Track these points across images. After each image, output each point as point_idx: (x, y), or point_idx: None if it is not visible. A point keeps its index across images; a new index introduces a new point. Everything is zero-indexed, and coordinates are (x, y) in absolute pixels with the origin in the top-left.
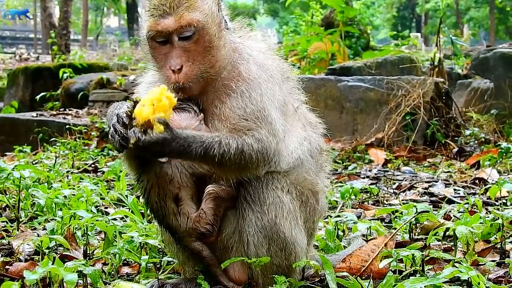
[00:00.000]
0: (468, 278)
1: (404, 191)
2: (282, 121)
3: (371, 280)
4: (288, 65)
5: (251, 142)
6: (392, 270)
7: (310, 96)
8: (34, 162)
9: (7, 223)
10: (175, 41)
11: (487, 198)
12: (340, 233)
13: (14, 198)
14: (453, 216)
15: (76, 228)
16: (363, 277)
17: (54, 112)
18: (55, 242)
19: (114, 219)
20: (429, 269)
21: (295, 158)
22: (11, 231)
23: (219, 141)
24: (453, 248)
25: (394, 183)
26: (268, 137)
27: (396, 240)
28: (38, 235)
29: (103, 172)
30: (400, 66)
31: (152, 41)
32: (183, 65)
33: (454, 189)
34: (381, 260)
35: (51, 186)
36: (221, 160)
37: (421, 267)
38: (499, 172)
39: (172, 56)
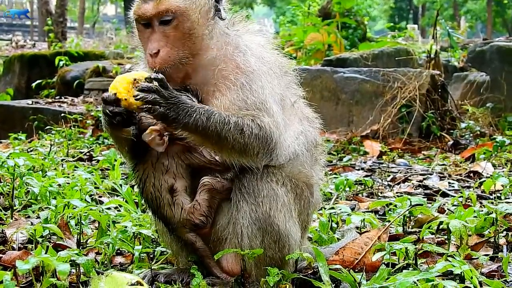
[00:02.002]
0: (461, 272)
1: (398, 184)
2: (282, 116)
3: (364, 273)
4: (286, 60)
5: (251, 125)
6: (385, 263)
7: (306, 87)
8: (29, 150)
9: (1, 211)
10: (155, 26)
11: (482, 192)
12: (334, 225)
13: (8, 186)
14: (447, 209)
15: (69, 217)
16: (356, 270)
17: (50, 100)
18: (49, 231)
19: (108, 208)
20: (422, 263)
21: (291, 152)
22: (4, 219)
23: (219, 112)
24: (446, 241)
25: (389, 175)
26: (270, 127)
27: (390, 233)
28: (32, 224)
29: (98, 161)
30: (396, 58)
31: (137, 24)
32: (160, 49)
33: (449, 182)
34: (374, 253)
35: (46, 174)
36: (221, 132)
37: (414, 261)
38: (493, 165)
39: (151, 40)
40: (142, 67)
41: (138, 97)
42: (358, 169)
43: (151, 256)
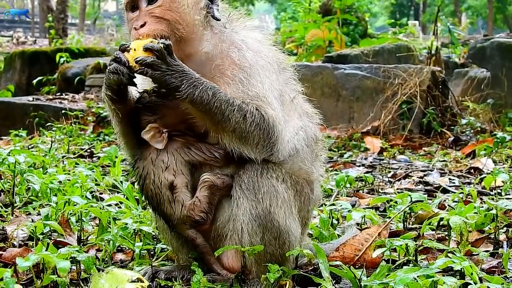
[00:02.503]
0: (461, 269)
1: (399, 180)
2: (282, 111)
3: (364, 269)
4: (284, 55)
5: (255, 113)
6: (386, 259)
7: (307, 83)
8: (29, 147)
9: (1, 208)
10: (142, 7)
11: (482, 188)
12: (335, 221)
13: (9, 183)
14: (448, 205)
15: (70, 214)
16: (357, 266)
17: (51, 97)
18: (49, 228)
19: (109, 205)
20: (422, 259)
21: (291, 147)
22: (5, 216)
23: (224, 92)
24: (447, 238)
25: (390, 172)
26: (274, 120)
27: (390, 229)
28: (33, 221)
29: (99, 158)
30: (397, 55)
31: (127, 12)
32: (146, 22)
33: (449, 179)
34: (374, 250)
35: (46, 171)
36: (225, 111)
37: (414, 257)
38: (494, 161)
39: (137, 18)
40: None
41: (138, 59)
42: (359, 166)
43: (152, 253)
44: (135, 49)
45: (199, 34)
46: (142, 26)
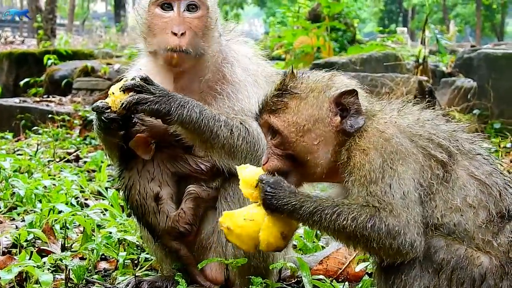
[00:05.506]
0: None
1: None
2: None
3: (347, 283)
4: (273, 69)
5: (240, 127)
6: (368, 273)
7: None
8: (15, 150)
9: None
10: (180, 10)
11: None
12: (319, 232)
13: None
14: None
15: (55, 221)
16: (340, 280)
17: (38, 99)
18: (33, 235)
19: (94, 212)
20: None
21: None
22: None
23: (210, 109)
24: None
25: None
26: (258, 133)
27: None
28: (17, 227)
29: (85, 162)
30: (384, 64)
31: (156, 7)
32: (187, 31)
33: None
34: (358, 263)
35: (32, 176)
36: (213, 128)
37: None
38: None
39: (176, 22)
40: (143, 61)
41: (123, 103)
42: None
43: (136, 262)
44: (113, 93)
45: (209, 50)
46: (182, 34)
